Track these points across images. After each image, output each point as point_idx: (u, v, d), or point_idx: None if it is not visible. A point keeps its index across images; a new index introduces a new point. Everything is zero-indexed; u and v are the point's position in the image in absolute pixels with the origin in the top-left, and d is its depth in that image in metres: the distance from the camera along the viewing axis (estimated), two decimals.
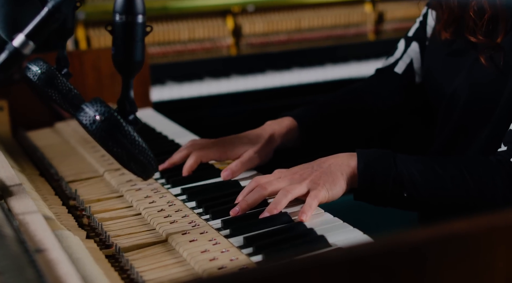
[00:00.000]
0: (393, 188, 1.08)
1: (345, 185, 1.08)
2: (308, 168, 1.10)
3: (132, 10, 0.86)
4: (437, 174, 1.08)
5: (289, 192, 1.05)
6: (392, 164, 1.08)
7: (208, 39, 2.60)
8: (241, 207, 1.05)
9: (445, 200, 1.10)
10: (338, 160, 1.10)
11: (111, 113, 0.87)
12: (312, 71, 2.56)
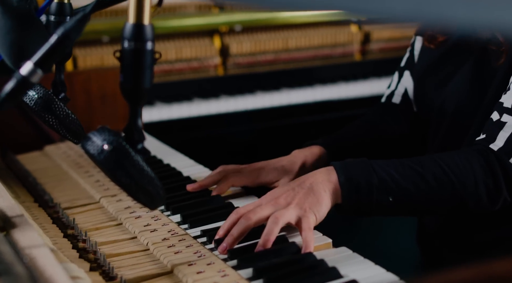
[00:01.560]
0: (378, 195, 1.07)
1: (330, 203, 1.07)
2: (289, 190, 1.07)
3: (141, 36, 0.84)
4: (418, 172, 1.09)
5: (279, 218, 1.01)
6: (371, 171, 1.08)
7: (196, 59, 2.59)
8: (227, 242, 1.00)
9: (430, 197, 1.09)
10: (318, 177, 1.08)
11: (120, 143, 0.84)
12: (301, 91, 2.55)
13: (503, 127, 1.12)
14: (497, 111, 1.15)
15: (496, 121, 1.14)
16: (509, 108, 1.13)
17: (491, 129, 1.14)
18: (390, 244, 1.50)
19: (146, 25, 0.84)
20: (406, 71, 1.45)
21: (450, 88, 1.29)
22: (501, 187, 1.10)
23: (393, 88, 1.48)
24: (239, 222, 1.03)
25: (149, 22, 0.85)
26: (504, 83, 1.18)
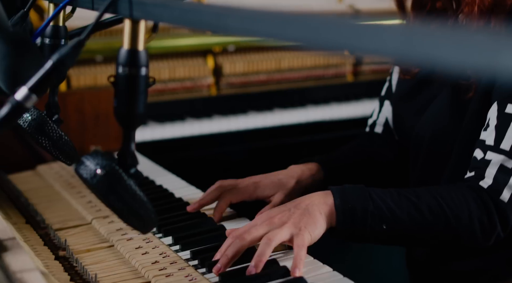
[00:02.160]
0: (372, 222, 1.08)
1: (325, 224, 1.07)
2: (285, 210, 1.08)
3: (135, 62, 0.85)
4: (413, 203, 1.10)
5: (272, 239, 1.02)
6: (368, 198, 1.09)
7: (189, 79, 2.60)
8: (222, 263, 1.01)
9: (424, 229, 1.11)
10: (315, 199, 1.09)
11: (113, 167, 0.85)
12: (294, 112, 2.57)
13: (489, 164, 1.13)
14: (480, 149, 1.16)
15: (481, 159, 1.15)
16: (492, 146, 1.14)
17: (478, 167, 1.15)
18: (381, 268, 1.51)
19: (140, 51, 0.85)
20: (386, 100, 1.47)
21: (426, 117, 1.30)
22: (495, 223, 1.12)
23: (375, 118, 1.50)
24: (234, 242, 1.03)
25: (144, 48, 0.86)
26: (478, 114, 1.20)
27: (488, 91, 1.18)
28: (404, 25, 0.42)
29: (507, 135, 1.12)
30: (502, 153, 1.12)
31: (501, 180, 1.12)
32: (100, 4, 0.92)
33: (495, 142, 1.13)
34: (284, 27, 0.52)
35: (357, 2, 2.91)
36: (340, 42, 0.47)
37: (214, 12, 0.64)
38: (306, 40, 0.50)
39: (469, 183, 1.15)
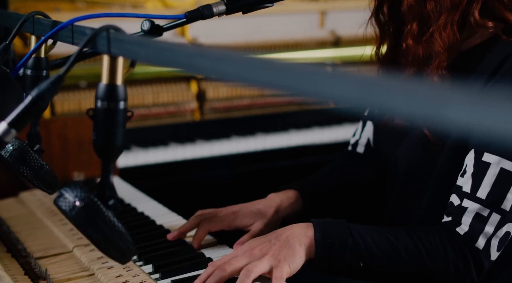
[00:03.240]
0: (350, 258, 1.10)
1: (304, 256, 1.10)
2: (266, 242, 1.11)
3: (114, 97, 0.87)
4: (391, 243, 1.12)
5: (251, 271, 1.04)
6: (348, 234, 1.11)
7: (172, 104, 2.62)
8: None
9: (400, 269, 1.13)
10: (295, 231, 1.12)
11: (91, 199, 0.87)
12: (276, 137, 2.59)
13: (465, 212, 1.14)
14: (456, 195, 1.17)
15: (457, 206, 1.16)
16: (468, 193, 1.15)
17: (454, 213, 1.16)
18: None
19: (119, 86, 0.87)
20: (368, 121, 1.49)
21: (402, 148, 1.31)
22: (470, 268, 1.13)
23: (357, 137, 1.52)
24: (214, 273, 1.05)
25: (122, 83, 0.88)
26: (453, 158, 1.20)
27: (461, 144, 1.19)
28: (360, 74, 0.45)
29: (483, 183, 1.12)
30: (478, 202, 1.13)
31: (477, 227, 1.13)
32: (80, 39, 0.94)
33: (471, 189, 1.14)
34: (253, 72, 0.55)
35: (338, 28, 2.95)
36: (303, 88, 0.49)
37: (187, 52, 0.66)
38: (272, 85, 0.52)
39: (446, 227, 1.16)
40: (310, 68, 0.49)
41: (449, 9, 1.14)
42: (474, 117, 0.36)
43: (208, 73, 0.62)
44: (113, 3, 2.61)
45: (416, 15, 1.17)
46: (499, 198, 1.12)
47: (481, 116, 0.36)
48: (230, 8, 1.13)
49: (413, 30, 1.17)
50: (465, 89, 0.39)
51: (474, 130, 0.36)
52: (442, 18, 1.15)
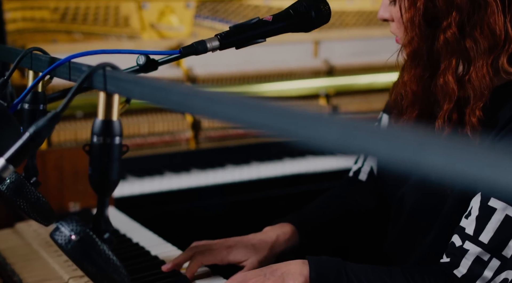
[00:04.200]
0: None
1: None
2: (261, 275, 1.12)
3: (110, 132, 0.89)
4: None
5: None
6: (343, 274, 1.12)
7: (168, 133, 2.64)
8: None
9: None
10: (291, 268, 1.13)
11: (87, 233, 0.88)
12: (270, 165, 2.61)
13: (465, 254, 1.14)
14: (459, 236, 1.16)
15: (458, 247, 1.15)
16: (471, 236, 1.14)
17: (454, 254, 1.15)
18: None
19: (114, 121, 0.90)
20: None
21: (411, 184, 1.30)
22: None
23: (360, 165, 1.51)
24: None
25: (117, 118, 0.90)
26: (461, 200, 1.20)
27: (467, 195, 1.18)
28: (346, 119, 0.47)
29: (487, 228, 1.12)
30: (480, 245, 1.12)
31: (476, 271, 1.12)
32: (76, 75, 0.97)
33: (474, 232, 1.13)
34: (245, 113, 0.57)
35: (332, 57, 2.99)
36: (291, 131, 0.51)
37: (181, 92, 0.68)
38: (263, 127, 0.54)
39: (443, 268, 1.16)
40: (299, 112, 0.51)
41: (487, 50, 1.13)
42: (449, 164, 0.38)
43: (201, 114, 0.65)
44: (109, 34, 2.64)
45: (453, 52, 1.15)
46: (501, 244, 1.11)
47: (453, 162, 0.38)
48: (224, 44, 1.15)
49: (452, 67, 1.15)
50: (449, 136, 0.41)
51: (449, 177, 0.38)
52: (480, 59, 1.14)
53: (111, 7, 2.64)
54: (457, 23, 1.13)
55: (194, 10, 2.79)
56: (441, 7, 1.14)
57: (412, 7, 1.16)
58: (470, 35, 1.14)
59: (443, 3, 1.14)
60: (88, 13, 2.60)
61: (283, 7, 1.22)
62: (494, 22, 1.13)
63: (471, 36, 1.14)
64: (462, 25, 1.14)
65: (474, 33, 1.13)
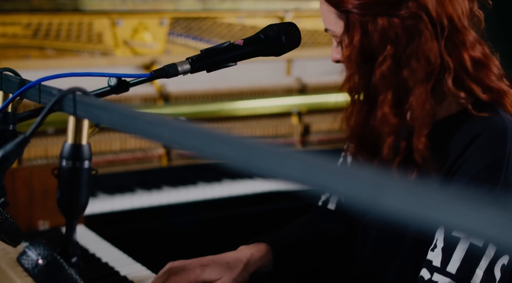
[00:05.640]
0: None
1: None
2: None
3: (79, 156, 0.90)
4: None
5: None
6: None
7: (140, 150, 2.64)
8: None
9: None
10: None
11: (54, 257, 0.88)
12: (242, 183, 2.62)
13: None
14: (427, 269, 1.17)
15: (427, 280, 1.16)
16: (438, 268, 1.15)
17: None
18: None
19: (84, 145, 0.90)
20: None
21: (374, 214, 1.29)
22: None
23: (328, 194, 1.53)
24: None
25: (87, 142, 0.91)
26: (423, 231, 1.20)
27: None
28: (307, 155, 0.48)
29: (453, 258, 1.13)
30: (448, 276, 1.13)
31: None
32: (46, 98, 0.97)
33: (441, 263, 1.14)
34: (211, 145, 0.58)
35: (304, 76, 3.02)
36: (254, 164, 0.52)
37: (149, 121, 0.69)
38: (228, 159, 0.55)
39: None
40: (266, 148, 0.52)
41: (424, 78, 1.15)
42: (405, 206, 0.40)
43: (168, 143, 0.65)
44: (82, 50, 2.64)
45: (389, 84, 1.16)
46: (469, 273, 1.12)
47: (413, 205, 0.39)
48: (195, 67, 1.16)
49: (388, 99, 1.16)
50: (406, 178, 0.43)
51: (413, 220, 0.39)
52: (417, 88, 1.15)
53: (84, 24, 2.63)
54: (392, 56, 1.15)
55: (167, 27, 2.80)
56: (376, 42, 1.16)
57: (349, 45, 1.18)
58: (406, 66, 1.15)
59: (378, 38, 1.15)
60: (61, 29, 2.59)
61: (256, 26, 1.24)
62: (429, 49, 1.14)
63: (408, 67, 1.15)
64: (397, 57, 1.15)
65: (410, 63, 1.15)
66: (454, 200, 0.42)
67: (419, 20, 1.14)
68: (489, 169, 1.14)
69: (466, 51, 1.17)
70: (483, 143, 1.15)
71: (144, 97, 2.68)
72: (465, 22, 1.18)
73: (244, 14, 2.93)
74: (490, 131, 1.16)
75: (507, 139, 1.15)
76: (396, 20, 1.14)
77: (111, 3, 2.67)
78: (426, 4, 1.14)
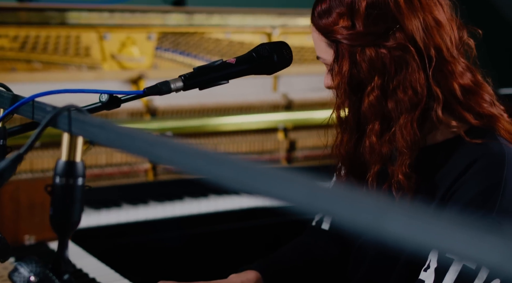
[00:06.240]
0: None
1: None
2: None
3: (72, 173, 0.90)
4: None
5: None
6: None
7: (126, 164, 2.63)
8: None
9: None
10: None
11: (46, 274, 0.88)
12: (228, 199, 2.62)
13: None
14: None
15: None
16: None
17: None
18: None
19: (77, 162, 0.90)
20: None
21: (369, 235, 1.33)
22: None
23: (321, 214, 1.51)
24: None
25: (81, 160, 0.91)
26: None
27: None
28: (308, 180, 0.49)
29: (446, 279, 1.14)
30: None
31: None
32: (40, 115, 0.97)
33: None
34: (210, 166, 0.59)
35: (290, 92, 3.04)
36: (256, 188, 0.53)
37: (147, 140, 0.70)
38: (230, 181, 0.56)
39: None
40: (265, 170, 0.53)
41: (409, 109, 1.17)
42: (406, 232, 0.41)
43: (166, 163, 0.66)
44: (69, 64, 2.64)
45: (377, 114, 1.18)
46: None
47: (413, 231, 0.40)
48: (188, 84, 1.17)
49: (376, 129, 1.19)
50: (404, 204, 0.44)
51: (409, 244, 0.40)
52: (402, 118, 1.17)
53: (72, 37, 2.63)
54: (379, 86, 1.17)
55: (155, 42, 2.80)
56: (364, 72, 1.18)
57: (338, 74, 1.21)
58: (392, 96, 1.18)
59: (366, 68, 1.18)
60: (48, 42, 2.59)
61: (244, 41, 1.25)
62: (415, 80, 1.16)
63: (394, 97, 1.17)
64: (384, 88, 1.18)
65: (396, 93, 1.17)
66: (449, 225, 0.43)
67: (406, 51, 1.16)
68: (485, 193, 1.15)
69: (455, 80, 1.19)
70: (480, 168, 1.16)
71: (131, 112, 2.68)
72: (454, 52, 1.20)
73: (232, 29, 2.95)
74: (488, 156, 1.17)
75: (505, 165, 1.16)
76: (383, 51, 1.17)
77: (99, 17, 2.67)
78: (414, 35, 1.16)
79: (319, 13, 1.23)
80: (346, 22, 1.19)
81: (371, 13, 1.17)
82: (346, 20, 1.19)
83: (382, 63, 1.16)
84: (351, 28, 1.18)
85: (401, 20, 1.17)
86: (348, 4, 1.19)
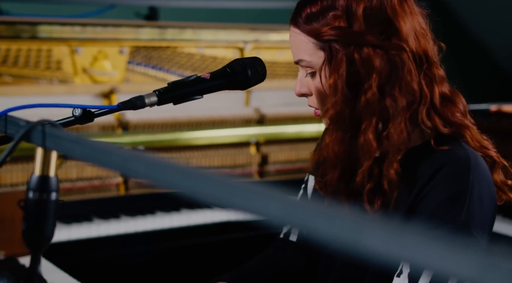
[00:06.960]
0: None
1: None
2: None
3: (46, 188, 0.90)
4: None
5: None
6: None
7: (97, 178, 2.62)
8: None
9: None
10: None
11: None
12: (201, 213, 2.62)
13: None
14: None
15: None
16: None
17: None
18: None
19: (51, 177, 0.90)
20: None
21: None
22: None
23: (290, 226, 1.51)
24: None
25: (54, 174, 0.91)
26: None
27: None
28: (281, 194, 0.50)
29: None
30: None
31: None
32: (13, 129, 0.97)
33: None
34: (186, 181, 0.59)
35: (262, 106, 3.05)
36: (236, 204, 0.54)
37: (123, 156, 0.70)
38: (207, 196, 0.57)
39: None
40: (243, 186, 0.54)
41: (405, 107, 1.20)
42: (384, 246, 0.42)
43: (141, 178, 0.66)
44: (40, 77, 2.62)
45: (374, 111, 1.20)
46: None
47: (388, 246, 0.41)
48: (162, 99, 1.18)
49: (372, 126, 1.20)
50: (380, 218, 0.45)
51: (383, 258, 0.41)
52: (398, 115, 1.19)
53: (43, 50, 2.62)
54: (377, 84, 1.20)
55: (127, 56, 2.80)
56: (362, 72, 1.20)
57: (334, 73, 1.22)
58: (389, 94, 1.20)
59: (364, 68, 1.20)
60: (19, 55, 2.57)
61: (216, 56, 1.27)
62: (411, 80, 1.20)
63: (391, 95, 1.20)
64: (382, 86, 1.20)
65: (393, 92, 1.20)
66: (422, 239, 0.44)
67: (402, 51, 1.20)
68: (452, 199, 1.17)
69: (437, 85, 1.23)
70: (447, 173, 1.19)
71: (102, 126, 2.66)
72: (436, 58, 1.25)
73: (204, 44, 2.96)
74: (454, 162, 1.20)
75: (470, 171, 1.19)
76: (381, 51, 1.19)
77: (71, 31, 2.66)
78: (407, 37, 1.21)
79: (308, 16, 1.24)
80: (342, 23, 1.21)
81: (369, 15, 1.20)
82: (342, 22, 1.21)
83: (380, 62, 1.19)
84: (348, 28, 1.21)
85: (396, 22, 1.21)
86: (343, 7, 1.21)
